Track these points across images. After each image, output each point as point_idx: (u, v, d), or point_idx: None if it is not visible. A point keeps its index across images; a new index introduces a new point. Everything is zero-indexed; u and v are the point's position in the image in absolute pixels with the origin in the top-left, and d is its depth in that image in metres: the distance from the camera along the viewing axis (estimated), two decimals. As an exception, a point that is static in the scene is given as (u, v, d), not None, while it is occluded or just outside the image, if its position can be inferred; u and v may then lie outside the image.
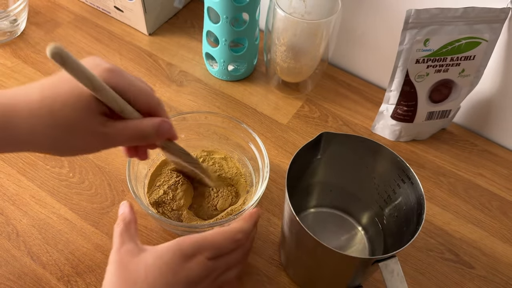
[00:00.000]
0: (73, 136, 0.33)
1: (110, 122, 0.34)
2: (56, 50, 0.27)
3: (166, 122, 0.36)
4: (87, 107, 0.33)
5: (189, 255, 0.37)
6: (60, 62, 0.28)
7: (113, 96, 0.32)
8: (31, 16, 0.71)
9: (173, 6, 0.72)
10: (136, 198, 0.44)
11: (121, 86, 0.33)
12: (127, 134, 0.35)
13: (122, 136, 0.35)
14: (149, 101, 0.35)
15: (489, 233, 0.53)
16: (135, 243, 0.39)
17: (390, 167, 0.43)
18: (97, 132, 0.34)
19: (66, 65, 0.28)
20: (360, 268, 0.40)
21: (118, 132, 0.34)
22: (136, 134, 0.35)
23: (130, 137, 0.35)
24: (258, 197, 0.45)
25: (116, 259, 0.38)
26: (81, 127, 0.33)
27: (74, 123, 0.33)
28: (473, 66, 0.54)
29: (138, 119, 0.35)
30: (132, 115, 0.35)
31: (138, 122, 0.35)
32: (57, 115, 0.32)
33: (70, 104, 0.32)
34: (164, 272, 0.36)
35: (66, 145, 0.34)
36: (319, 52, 0.58)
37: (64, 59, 0.28)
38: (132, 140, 0.36)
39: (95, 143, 0.35)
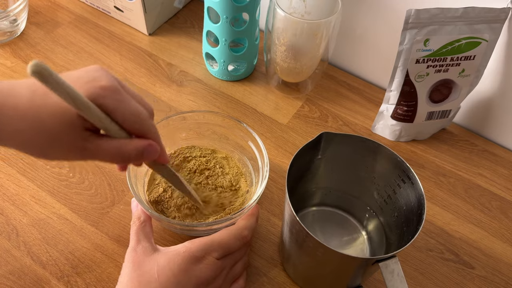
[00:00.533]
0: (53, 145, 0.33)
1: (92, 137, 0.33)
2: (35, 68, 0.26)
3: (152, 146, 0.35)
4: (72, 122, 0.32)
5: (199, 257, 0.39)
6: (41, 80, 0.27)
7: (97, 115, 0.31)
8: (31, 16, 0.71)
9: (173, 6, 0.72)
10: (136, 197, 0.44)
11: (111, 105, 0.32)
12: (108, 153, 0.34)
13: (101, 155, 0.34)
14: (139, 124, 0.34)
15: (489, 233, 0.53)
16: (150, 242, 0.41)
17: (390, 167, 0.43)
18: (77, 147, 0.33)
19: (48, 83, 0.27)
20: (360, 268, 0.40)
21: (98, 150, 0.33)
22: (117, 155, 0.34)
23: (111, 156, 0.34)
24: (258, 196, 0.45)
25: (133, 258, 0.40)
26: (63, 139, 0.33)
27: (57, 134, 0.32)
28: (473, 66, 0.54)
29: (123, 139, 0.34)
30: (118, 134, 0.34)
31: (121, 143, 0.34)
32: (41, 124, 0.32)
33: (57, 116, 0.32)
34: (176, 274, 0.38)
35: (45, 152, 0.34)
36: (319, 52, 0.58)
37: (45, 77, 0.27)
38: (113, 159, 0.35)
39: (75, 155, 0.34)
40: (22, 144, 0.33)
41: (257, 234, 0.51)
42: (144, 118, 0.34)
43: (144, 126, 0.34)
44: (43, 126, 0.32)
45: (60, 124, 0.32)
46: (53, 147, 0.33)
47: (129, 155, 0.34)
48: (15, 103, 0.32)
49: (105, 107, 0.32)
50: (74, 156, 0.34)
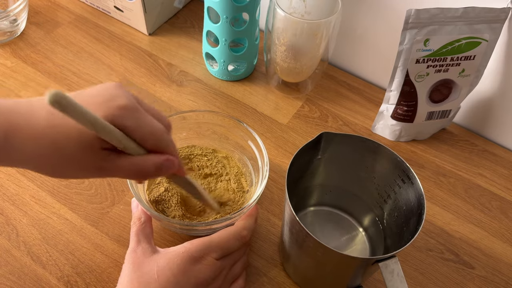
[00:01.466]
0: (70, 166, 0.33)
1: (111, 157, 0.33)
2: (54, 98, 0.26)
3: (170, 161, 0.35)
4: (90, 144, 0.32)
5: (198, 258, 0.39)
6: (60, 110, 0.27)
7: (115, 136, 0.31)
8: (31, 16, 0.71)
9: (173, 6, 0.72)
10: (136, 196, 0.44)
11: (130, 126, 0.32)
12: (126, 170, 0.34)
13: (120, 172, 0.34)
14: (157, 141, 0.34)
15: (489, 233, 0.53)
16: (150, 244, 0.42)
17: (390, 167, 0.43)
18: (96, 166, 0.33)
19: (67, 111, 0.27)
20: (360, 268, 0.40)
21: (117, 168, 0.34)
22: (136, 172, 0.34)
23: (130, 174, 0.34)
24: (258, 195, 0.45)
25: (133, 259, 0.40)
26: (80, 160, 0.33)
27: (74, 157, 0.32)
28: (473, 66, 0.54)
29: (141, 156, 0.34)
30: (136, 152, 0.34)
31: (139, 160, 0.34)
32: (59, 147, 0.32)
33: (74, 138, 0.32)
34: (175, 274, 0.38)
35: (63, 172, 0.34)
36: (319, 52, 0.58)
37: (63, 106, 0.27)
38: (132, 176, 0.35)
39: (91, 174, 0.34)
40: (39, 165, 0.33)
41: (257, 234, 0.51)
42: (162, 135, 0.35)
43: (163, 142, 0.35)
44: (60, 148, 0.32)
45: (77, 145, 0.32)
46: (71, 168, 0.33)
47: (148, 171, 0.34)
48: (33, 124, 0.32)
49: (124, 127, 0.32)
50: (93, 175, 0.34)
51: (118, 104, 0.32)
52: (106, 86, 0.34)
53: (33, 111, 0.32)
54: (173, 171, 0.36)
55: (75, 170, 0.34)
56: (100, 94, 0.33)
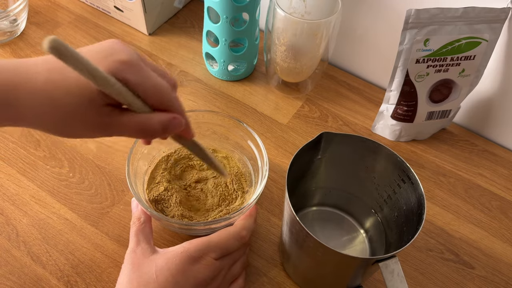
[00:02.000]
0: (73, 123, 0.32)
1: (115, 113, 0.32)
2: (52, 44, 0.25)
3: (177, 119, 0.34)
4: (92, 99, 0.31)
5: (197, 257, 0.39)
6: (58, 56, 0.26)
7: (119, 90, 0.31)
8: (31, 16, 0.71)
9: (173, 6, 0.72)
10: (135, 196, 0.44)
11: (132, 80, 0.31)
12: (131, 128, 0.33)
13: (125, 130, 0.33)
14: (161, 98, 0.33)
15: (489, 233, 0.53)
16: (149, 244, 0.41)
17: (390, 167, 0.43)
18: (100, 123, 0.32)
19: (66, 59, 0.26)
20: (360, 268, 0.40)
21: (122, 125, 0.33)
22: (141, 130, 0.33)
23: (134, 131, 0.33)
24: (257, 195, 0.45)
25: (132, 259, 0.40)
26: (83, 117, 0.32)
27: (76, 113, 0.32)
28: (473, 66, 0.54)
29: (147, 113, 0.33)
30: (141, 109, 0.33)
31: (145, 117, 0.33)
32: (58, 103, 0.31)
33: (74, 94, 0.31)
34: (174, 274, 0.38)
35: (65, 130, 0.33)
36: (319, 52, 0.58)
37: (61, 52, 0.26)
38: (137, 135, 0.34)
39: (97, 132, 0.33)
40: (42, 123, 0.33)
41: (257, 234, 0.51)
42: (166, 92, 0.33)
43: (167, 99, 0.33)
44: (61, 105, 0.31)
45: (78, 101, 0.31)
46: (73, 126, 0.33)
47: (154, 129, 0.33)
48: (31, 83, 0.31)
49: (126, 82, 0.31)
50: (98, 133, 0.33)
51: (120, 58, 0.31)
52: (107, 42, 0.33)
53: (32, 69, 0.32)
54: (179, 130, 0.35)
55: (78, 128, 0.33)
56: (101, 50, 0.32)
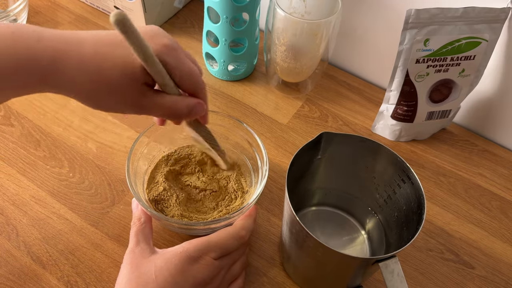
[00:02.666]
0: (112, 96, 0.34)
1: (149, 93, 0.35)
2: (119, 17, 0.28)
3: (201, 105, 0.37)
4: (134, 76, 0.33)
5: (196, 257, 0.39)
6: (122, 30, 0.29)
7: (160, 70, 0.33)
8: (31, 16, 0.71)
9: (173, 6, 0.72)
10: (135, 196, 0.44)
11: (172, 63, 0.34)
12: (162, 108, 0.36)
13: (156, 110, 0.36)
14: (193, 83, 0.36)
15: (489, 233, 0.53)
16: (149, 244, 0.42)
17: (390, 167, 0.43)
18: (135, 100, 0.35)
19: (127, 33, 0.29)
20: (360, 268, 0.40)
21: (154, 105, 0.35)
22: (170, 111, 0.36)
23: (163, 112, 0.36)
24: (257, 195, 0.45)
25: (131, 259, 0.40)
26: (123, 91, 0.34)
27: (117, 86, 0.34)
28: (473, 66, 0.54)
29: (177, 96, 0.36)
30: (173, 91, 0.36)
31: (175, 100, 0.36)
32: (104, 74, 0.33)
33: (119, 68, 0.33)
34: (173, 274, 0.38)
35: (102, 102, 0.35)
36: (319, 52, 0.58)
37: (126, 27, 0.29)
38: (165, 115, 0.37)
39: (130, 108, 0.36)
40: (82, 93, 0.35)
41: (257, 234, 0.51)
42: (198, 77, 0.37)
43: (197, 83, 0.37)
44: (105, 77, 0.33)
45: (121, 76, 0.33)
46: (112, 99, 0.35)
47: (181, 111, 0.36)
48: (79, 53, 0.33)
49: (166, 63, 0.34)
50: (130, 110, 0.36)
51: (163, 41, 0.34)
52: (152, 26, 0.36)
53: (81, 40, 0.34)
54: (202, 115, 0.38)
55: (115, 101, 0.35)
56: (147, 31, 0.34)
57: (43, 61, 0.32)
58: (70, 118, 0.60)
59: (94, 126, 0.59)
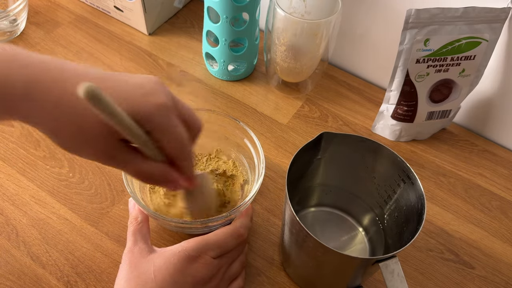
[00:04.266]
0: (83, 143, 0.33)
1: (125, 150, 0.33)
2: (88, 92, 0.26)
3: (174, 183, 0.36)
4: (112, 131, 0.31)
5: (195, 256, 0.39)
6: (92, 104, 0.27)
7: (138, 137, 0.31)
8: (31, 16, 0.71)
9: (173, 6, 0.72)
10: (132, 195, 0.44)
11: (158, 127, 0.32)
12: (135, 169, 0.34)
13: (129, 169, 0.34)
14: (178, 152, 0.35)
15: (489, 233, 0.53)
16: (147, 243, 0.42)
17: (391, 167, 0.43)
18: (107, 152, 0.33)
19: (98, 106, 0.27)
20: (360, 268, 0.40)
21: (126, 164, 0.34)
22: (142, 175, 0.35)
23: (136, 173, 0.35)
24: (254, 193, 0.45)
25: (129, 259, 0.40)
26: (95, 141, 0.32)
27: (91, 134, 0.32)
28: (473, 66, 0.54)
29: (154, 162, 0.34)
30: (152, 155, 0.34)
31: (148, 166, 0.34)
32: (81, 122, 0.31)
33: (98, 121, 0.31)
34: (172, 274, 0.38)
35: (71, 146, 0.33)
36: (319, 52, 0.58)
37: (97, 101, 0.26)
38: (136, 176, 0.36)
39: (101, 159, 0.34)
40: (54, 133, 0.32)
41: (257, 234, 0.51)
42: (184, 144, 0.35)
43: (182, 152, 0.35)
44: (81, 125, 0.31)
45: (98, 125, 0.31)
46: (82, 144, 0.33)
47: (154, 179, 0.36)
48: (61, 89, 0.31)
49: (152, 126, 0.32)
50: (100, 159, 0.34)
51: (155, 101, 0.32)
52: (149, 79, 0.34)
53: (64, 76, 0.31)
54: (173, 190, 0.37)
55: (85, 148, 0.33)
56: (143, 86, 0.33)
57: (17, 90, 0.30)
58: (70, 118, 0.59)
59: (94, 126, 0.59)
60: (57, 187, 0.53)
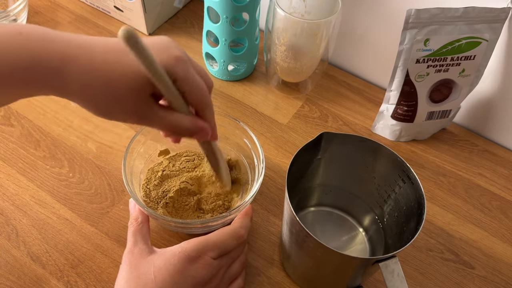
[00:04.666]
0: (117, 105, 0.34)
1: (155, 107, 0.35)
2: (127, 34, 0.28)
3: (206, 131, 0.37)
4: (141, 86, 0.33)
5: (195, 257, 0.39)
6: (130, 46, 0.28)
7: (168, 86, 0.33)
8: (31, 16, 0.71)
9: (173, 6, 0.72)
10: (132, 195, 0.44)
11: (181, 77, 0.34)
12: (165, 124, 0.35)
13: (159, 124, 0.36)
14: (200, 100, 0.36)
15: (489, 233, 0.53)
16: (147, 244, 0.42)
17: (391, 167, 0.43)
18: (140, 111, 0.35)
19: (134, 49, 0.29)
20: (360, 268, 0.40)
21: (158, 119, 0.35)
22: (173, 128, 0.36)
23: (166, 127, 0.36)
24: (254, 193, 0.45)
25: (129, 260, 0.40)
26: (128, 101, 0.34)
27: (123, 95, 0.33)
28: (473, 66, 0.54)
29: (183, 115, 0.36)
30: (180, 107, 0.35)
31: (180, 118, 0.35)
32: (111, 82, 0.33)
33: (127, 77, 0.33)
34: (172, 274, 0.38)
35: (106, 109, 0.35)
36: (319, 52, 0.58)
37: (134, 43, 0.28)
38: (167, 130, 0.37)
39: (134, 118, 0.35)
40: (88, 99, 0.34)
41: (256, 234, 0.51)
42: (206, 94, 0.36)
43: (204, 100, 0.36)
44: (112, 86, 0.33)
45: (128, 86, 0.33)
46: (117, 108, 0.34)
47: (184, 131, 0.36)
48: (90, 58, 0.33)
49: (176, 76, 0.33)
50: (134, 120, 0.36)
51: (174, 53, 0.34)
52: (162, 38, 0.35)
53: (91, 46, 0.33)
54: (204, 139, 0.38)
55: (119, 111, 0.35)
56: (158, 43, 0.34)
57: (52, 64, 0.32)
58: (70, 118, 0.60)
59: (94, 126, 0.59)
60: (57, 187, 0.53)
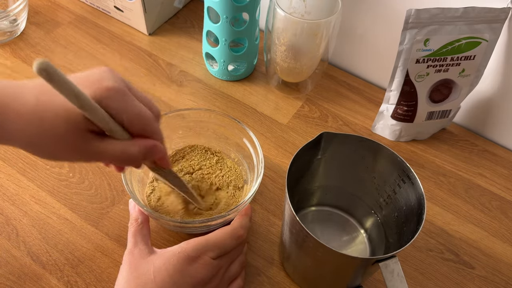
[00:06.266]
0: (58, 147, 0.33)
1: (95, 140, 0.33)
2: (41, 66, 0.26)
3: (156, 146, 0.35)
4: (76, 124, 0.32)
5: (194, 257, 0.39)
6: (46, 78, 0.27)
7: (102, 116, 0.31)
8: (31, 16, 0.71)
9: (173, 6, 0.72)
10: (131, 195, 0.44)
11: (116, 107, 0.32)
12: (111, 154, 0.34)
13: (106, 157, 0.34)
14: (143, 127, 0.34)
15: (489, 233, 0.53)
16: (147, 245, 0.42)
17: (391, 167, 0.43)
18: (80, 149, 0.33)
19: (52, 81, 0.27)
20: (360, 268, 0.40)
21: (103, 152, 0.33)
22: (122, 157, 0.34)
23: (115, 158, 0.34)
24: (253, 193, 0.45)
25: (129, 260, 0.40)
26: (68, 140, 0.33)
27: (62, 135, 0.32)
28: (473, 66, 0.54)
29: (127, 140, 0.34)
30: (121, 136, 0.34)
31: (125, 144, 0.34)
32: (46, 125, 0.32)
33: (61, 117, 0.32)
34: (171, 274, 0.38)
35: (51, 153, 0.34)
36: (319, 52, 0.58)
37: (50, 75, 0.27)
38: (117, 161, 0.35)
39: (80, 157, 0.34)
40: (28, 144, 0.34)
41: (256, 234, 0.51)
42: (149, 120, 0.34)
43: (149, 128, 0.35)
44: (48, 128, 0.32)
45: (64, 125, 0.32)
46: (58, 149, 0.33)
47: (134, 156, 0.34)
48: (20, 105, 0.32)
49: (110, 108, 0.32)
50: (79, 158, 0.34)
51: (106, 85, 0.32)
52: (96, 69, 0.34)
53: (23, 91, 0.33)
54: (158, 157, 0.36)
55: (62, 151, 0.34)
56: (89, 76, 0.33)
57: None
58: (70, 118, 0.59)
59: (94, 126, 0.59)
60: (57, 187, 0.53)
